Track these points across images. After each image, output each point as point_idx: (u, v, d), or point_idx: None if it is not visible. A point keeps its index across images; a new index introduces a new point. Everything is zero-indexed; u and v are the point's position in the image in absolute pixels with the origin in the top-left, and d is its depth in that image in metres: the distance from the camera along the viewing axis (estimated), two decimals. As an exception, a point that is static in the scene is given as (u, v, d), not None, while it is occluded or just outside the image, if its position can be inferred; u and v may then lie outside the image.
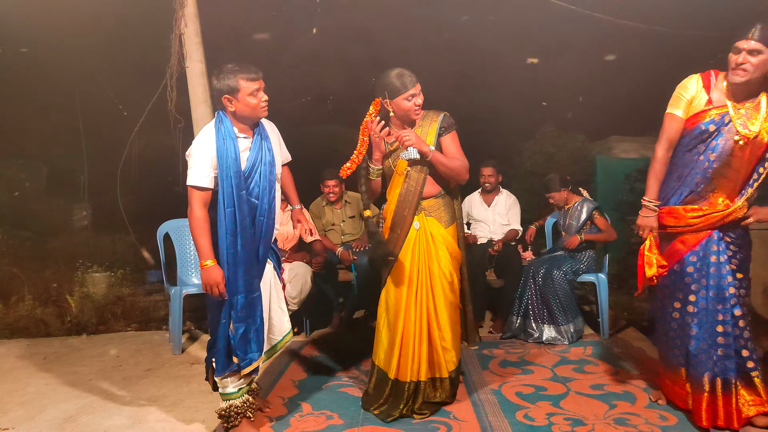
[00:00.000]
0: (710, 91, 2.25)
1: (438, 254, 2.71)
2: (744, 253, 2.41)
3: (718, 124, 2.24)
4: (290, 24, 6.37)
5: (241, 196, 2.37)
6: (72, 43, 5.92)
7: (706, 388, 2.40)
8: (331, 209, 4.75)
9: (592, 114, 6.46)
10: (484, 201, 4.70)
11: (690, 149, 2.33)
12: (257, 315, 2.46)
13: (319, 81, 6.80)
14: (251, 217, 2.42)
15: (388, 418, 2.63)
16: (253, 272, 2.45)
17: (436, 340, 2.69)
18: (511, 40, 6.16)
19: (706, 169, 2.29)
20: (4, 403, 3.00)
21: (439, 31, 6.35)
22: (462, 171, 2.72)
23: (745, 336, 2.38)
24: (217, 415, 2.51)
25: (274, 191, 2.52)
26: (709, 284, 2.39)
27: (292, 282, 4.02)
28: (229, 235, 2.36)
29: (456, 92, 6.75)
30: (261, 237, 2.47)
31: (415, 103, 2.63)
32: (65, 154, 7.06)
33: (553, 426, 2.54)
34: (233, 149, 2.37)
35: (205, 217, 2.37)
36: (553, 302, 3.93)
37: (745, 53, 2.13)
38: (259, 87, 2.40)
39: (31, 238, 6.09)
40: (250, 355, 2.42)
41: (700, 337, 2.40)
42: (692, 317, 2.42)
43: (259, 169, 2.45)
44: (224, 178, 2.36)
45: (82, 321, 4.51)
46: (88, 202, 7.30)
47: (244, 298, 2.40)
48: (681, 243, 2.44)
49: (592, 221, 4.18)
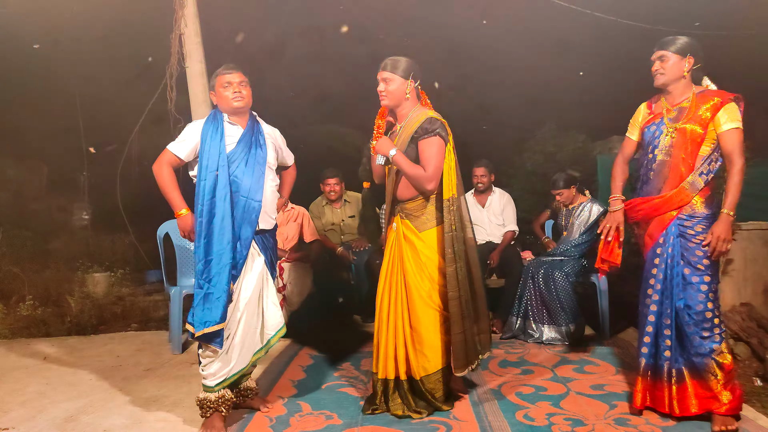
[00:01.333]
0: (652, 107, 2.72)
1: (410, 258, 2.66)
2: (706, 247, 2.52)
3: (658, 125, 2.63)
4: (290, 24, 6.37)
5: (221, 174, 2.54)
6: (72, 43, 5.93)
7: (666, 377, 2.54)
8: (331, 209, 4.75)
9: (593, 113, 6.45)
10: (477, 202, 4.68)
11: (644, 152, 2.71)
12: (221, 286, 2.48)
13: (319, 81, 6.81)
14: (229, 195, 2.54)
15: (367, 411, 2.72)
16: (224, 243, 2.50)
17: (410, 342, 2.68)
18: (510, 40, 6.16)
19: (651, 161, 2.63)
20: (4, 403, 3.00)
21: (439, 31, 6.35)
22: (420, 180, 2.58)
23: (699, 327, 2.48)
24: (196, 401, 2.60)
25: (263, 180, 2.64)
26: (666, 275, 2.58)
27: (292, 282, 4.02)
28: (199, 205, 2.53)
29: (456, 92, 6.75)
30: (243, 215, 2.57)
31: (378, 89, 2.69)
32: (65, 154, 7.07)
33: (552, 426, 2.54)
34: (219, 130, 2.60)
35: (171, 174, 2.62)
36: (553, 303, 3.92)
37: (657, 61, 2.59)
38: (230, 80, 2.61)
39: (32, 238, 6.10)
40: (205, 319, 2.45)
41: (657, 328, 2.59)
42: (651, 309, 2.61)
43: (246, 156, 2.62)
44: (204, 152, 2.56)
45: (82, 321, 4.51)
46: (88, 202, 7.31)
47: (204, 265, 2.48)
48: (648, 237, 2.66)
49: (597, 224, 4.13)
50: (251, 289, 2.62)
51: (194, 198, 2.57)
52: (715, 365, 2.47)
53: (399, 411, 2.67)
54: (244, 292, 2.60)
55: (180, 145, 2.63)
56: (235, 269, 2.53)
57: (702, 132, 2.50)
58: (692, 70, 2.56)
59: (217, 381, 2.54)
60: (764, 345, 3.25)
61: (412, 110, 2.69)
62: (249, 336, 2.62)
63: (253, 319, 2.64)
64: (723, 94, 2.52)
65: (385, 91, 2.67)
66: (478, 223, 4.63)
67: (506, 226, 4.60)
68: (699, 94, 2.56)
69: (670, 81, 2.58)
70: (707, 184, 2.53)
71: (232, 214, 2.53)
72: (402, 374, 2.71)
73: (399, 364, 2.70)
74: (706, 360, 2.47)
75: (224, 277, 2.49)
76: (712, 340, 2.48)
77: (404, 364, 2.70)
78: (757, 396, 2.87)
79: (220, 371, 2.54)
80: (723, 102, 2.49)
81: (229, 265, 2.50)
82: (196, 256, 2.52)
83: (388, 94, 2.67)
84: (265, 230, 2.71)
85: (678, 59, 2.54)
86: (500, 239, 4.58)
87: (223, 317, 2.49)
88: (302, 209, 4.53)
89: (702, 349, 2.48)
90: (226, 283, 2.49)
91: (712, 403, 2.47)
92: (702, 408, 2.49)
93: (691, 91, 2.58)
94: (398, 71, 2.64)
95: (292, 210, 4.44)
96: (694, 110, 2.53)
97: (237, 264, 2.55)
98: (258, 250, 2.66)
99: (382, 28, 6.28)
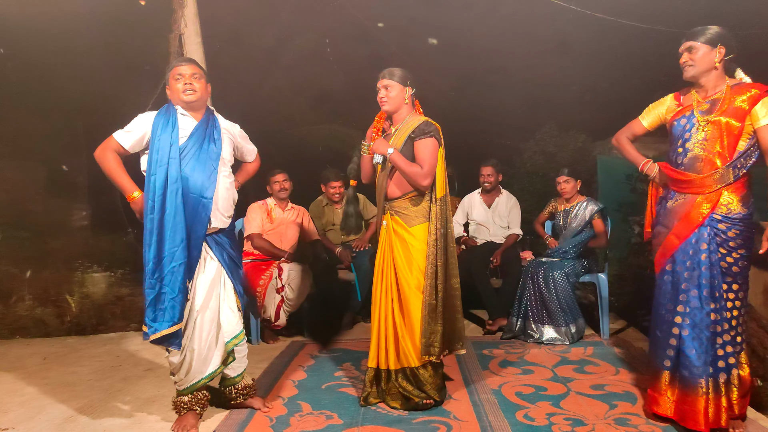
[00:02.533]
0: (681, 99, 2.60)
1: (401, 252, 2.81)
2: (741, 252, 2.41)
3: (689, 118, 2.50)
4: (290, 24, 6.36)
5: (172, 168, 2.45)
6: (71, 43, 5.92)
7: (703, 389, 2.39)
8: (331, 209, 4.74)
9: (594, 114, 6.45)
10: (484, 202, 4.68)
11: (672, 147, 2.57)
12: (175, 285, 2.42)
13: (319, 81, 6.80)
14: (181, 191, 2.45)
15: (364, 402, 2.81)
16: (177, 241, 2.43)
17: (402, 332, 2.79)
18: (511, 40, 6.15)
19: (682, 155, 2.49)
20: (3, 403, 2.99)
21: (439, 31, 6.35)
22: (417, 177, 2.75)
23: (731, 335, 2.41)
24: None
25: (215, 176, 2.54)
26: (701, 283, 2.42)
27: (291, 283, 4.01)
28: (149, 201, 2.44)
29: (456, 92, 6.75)
30: (194, 214, 2.48)
31: (379, 96, 2.85)
32: (65, 154, 7.06)
33: (553, 426, 2.54)
34: (171, 121, 2.50)
35: (117, 159, 2.53)
36: (553, 303, 3.92)
37: (685, 53, 2.46)
38: (182, 73, 2.54)
39: (30, 238, 6.08)
40: (156, 323, 2.40)
41: (690, 338, 2.41)
42: (682, 317, 2.45)
43: (198, 151, 2.52)
44: (154, 145, 2.47)
45: (81, 321, 4.51)
46: (87, 203, 7.29)
47: (155, 264, 2.41)
48: (674, 236, 2.49)
49: (592, 223, 4.14)
50: (205, 293, 2.55)
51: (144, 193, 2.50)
52: (736, 377, 2.41)
53: (397, 402, 2.76)
54: (198, 296, 2.53)
55: (126, 135, 2.54)
56: (188, 268, 2.46)
57: (739, 125, 2.35)
58: (724, 61, 2.43)
59: (184, 386, 2.57)
60: (764, 345, 3.25)
61: (408, 115, 2.88)
62: (206, 341, 2.55)
63: (214, 323, 2.57)
64: (762, 87, 2.37)
65: (386, 97, 2.85)
66: (482, 222, 4.63)
67: (511, 228, 4.61)
68: (734, 86, 2.42)
69: (700, 73, 2.43)
70: (737, 179, 2.38)
71: (184, 211, 2.44)
72: (393, 364, 2.81)
73: (390, 354, 2.81)
74: (732, 371, 2.41)
75: (178, 276, 2.41)
76: (735, 351, 2.41)
77: (394, 355, 2.80)
78: (757, 396, 2.86)
79: (186, 375, 2.55)
80: (762, 94, 2.34)
81: (184, 264, 2.43)
82: (146, 255, 2.43)
83: (389, 100, 2.85)
84: (219, 229, 2.62)
85: (708, 50, 2.40)
86: (502, 240, 4.58)
87: (180, 317, 2.43)
88: (302, 209, 4.52)
89: (728, 359, 2.40)
90: (181, 281, 2.42)
91: (731, 414, 2.42)
92: (728, 421, 2.39)
93: (724, 83, 2.44)
94: (398, 79, 2.84)
95: (292, 210, 4.44)
96: (729, 102, 2.38)
97: (191, 263, 2.48)
98: (211, 252, 2.58)
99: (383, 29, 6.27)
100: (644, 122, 2.71)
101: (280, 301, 4.01)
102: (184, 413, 2.59)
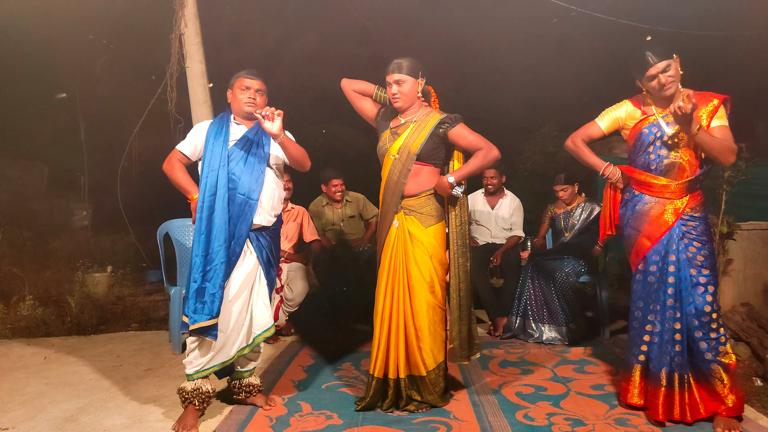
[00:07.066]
0: (641, 108, 2.65)
1: (416, 255, 2.67)
2: (709, 249, 2.54)
3: (659, 126, 2.56)
4: (290, 24, 6.37)
5: (221, 172, 2.59)
6: (72, 43, 5.93)
7: (663, 383, 2.51)
8: (332, 209, 4.74)
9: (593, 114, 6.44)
10: (487, 202, 4.67)
11: (640, 152, 2.63)
12: (216, 281, 2.52)
13: (319, 81, 6.80)
14: (227, 194, 2.59)
15: (358, 408, 2.73)
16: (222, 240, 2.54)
17: (412, 339, 2.69)
18: (510, 40, 6.16)
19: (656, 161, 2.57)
20: (4, 403, 3.00)
21: (439, 31, 6.35)
22: (487, 155, 2.66)
23: (706, 330, 2.47)
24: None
25: (262, 179, 2.67)
26: (667, 282, 2.53)
27: (290, 283, 4.02)
28: (201, 202, 2.58)
29: (456, 92, 6.75)
30: (239, 214, 2.61)
31: (390, 92, 2.70)
32: (66, 154, 7.07)
33: (553, 426, 2.54)
34: (224, 129, 2.68)
35: (182, 168, 2.72)
36: (553, 303, 3.92)
37: (659, 74, 2.48)
38: (249, 86, 2.70)
39: (32, 238, 6.10)
40: (196, 315, 2.49)
41: (658, 334, 2.54)
42: (654, 314, 2.56)
43: (246, 154, 2.67)
44: (207, 150, 2.64)
45: (82, 321, 4.51)
46: (88, 202, 7.31)
47: (202, 260, 2.52)
48: (646, 238, 2.59)
49: (596, 222, 4.14)
50: (239, 285, 2.65)
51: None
52: (721, 369, 2.46)
53: (411, 407, 2.69)
54: (233, 287, 2.63)
55: (185, 145, 2.75)
56: (228, 266, 2.57)
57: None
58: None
59: (194, 369, 2.61)
60: (764, 345, 3.25)
61: (421, 108, 2.74)
62: (235, 331, 2.65)
63: (241, 316, 2.67)
64: (719, 96, 2.50)
65: (399, 93, 2.67)
66: (484, 223, 4.63)
67: (513, 231, 4.61)
68: (693, 94, 2.51)
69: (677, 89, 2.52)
70: (699, 183, 2.56)
71: (228, 211, 2.58)
72: (402, 372, 2.72)
73: (400, 362, 2.71)
74: (713, 365, 2.46)
75: (220, 272, 2.53)
76: (718, 342, 2.47)
77: (405, 362, 2.71)
78: (757, 396, 2.87)
79: (198, 359, 2.59)
80: (719, 105, 2.48)
81: (225, 262, 2.55)
82: (195, 250, 2.55)
83: (402, 96, 2.68)
84: (262, 227, 2.73)
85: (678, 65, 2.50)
86: (503, 241, 4.58)
87: (218, 312, 2.53)
88: (302, 209, 4.53)
89: (709, 353, 2.46)
90: (222, 278, 2.54)
91: (718, 405, 2.47)
92: (708, 411, 2.48)
93: (679, 92, 2.54)
94: (410, 71, 2.67)
95: (292, 210, 4.44)
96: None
97: (231, 261, 2.59)
98: (252, 247, 2.69)
99: (383, 29, 6.27)
100: (602, 126, 2.75)
101: (280, 301, 4.02)
102: (186, 407, 2.61)
